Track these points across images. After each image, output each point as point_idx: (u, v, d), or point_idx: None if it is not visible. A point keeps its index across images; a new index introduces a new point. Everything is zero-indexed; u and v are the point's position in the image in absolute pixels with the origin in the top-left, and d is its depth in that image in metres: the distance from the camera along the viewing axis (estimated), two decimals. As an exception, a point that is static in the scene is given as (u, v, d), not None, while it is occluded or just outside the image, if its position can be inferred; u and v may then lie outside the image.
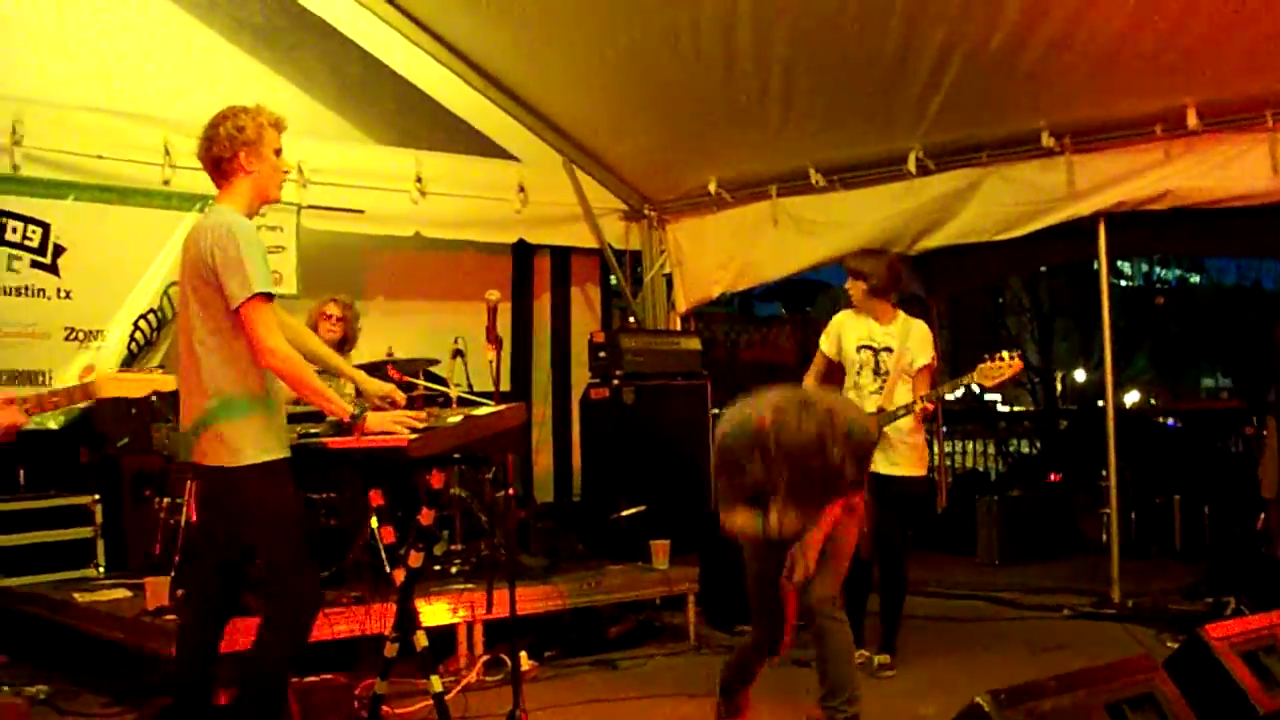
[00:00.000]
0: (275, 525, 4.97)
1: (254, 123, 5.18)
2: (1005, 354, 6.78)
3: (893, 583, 7.35)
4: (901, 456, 7.16)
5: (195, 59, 9.49)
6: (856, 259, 7.57)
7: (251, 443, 4.91)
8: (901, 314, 7.47)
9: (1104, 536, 10.30)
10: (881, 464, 6.95)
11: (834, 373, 7.47)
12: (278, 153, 5.25)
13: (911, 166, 9.26)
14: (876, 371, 7.29)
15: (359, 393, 5.80)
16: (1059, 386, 35.27)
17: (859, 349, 7.37)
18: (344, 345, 8.21)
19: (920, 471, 7.27)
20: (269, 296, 4.88)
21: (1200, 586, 8.93)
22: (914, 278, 11.75)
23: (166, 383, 4.09)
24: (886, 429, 7.00)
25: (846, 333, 7.44)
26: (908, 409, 7.02)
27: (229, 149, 5.14)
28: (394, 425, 5.08)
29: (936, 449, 10.27)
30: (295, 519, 5.13)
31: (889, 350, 7.30)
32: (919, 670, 7.23)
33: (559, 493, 11.33)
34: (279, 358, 4.82)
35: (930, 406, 7.11)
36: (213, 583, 5.25)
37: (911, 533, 7.78)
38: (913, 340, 7.30)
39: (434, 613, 6.97)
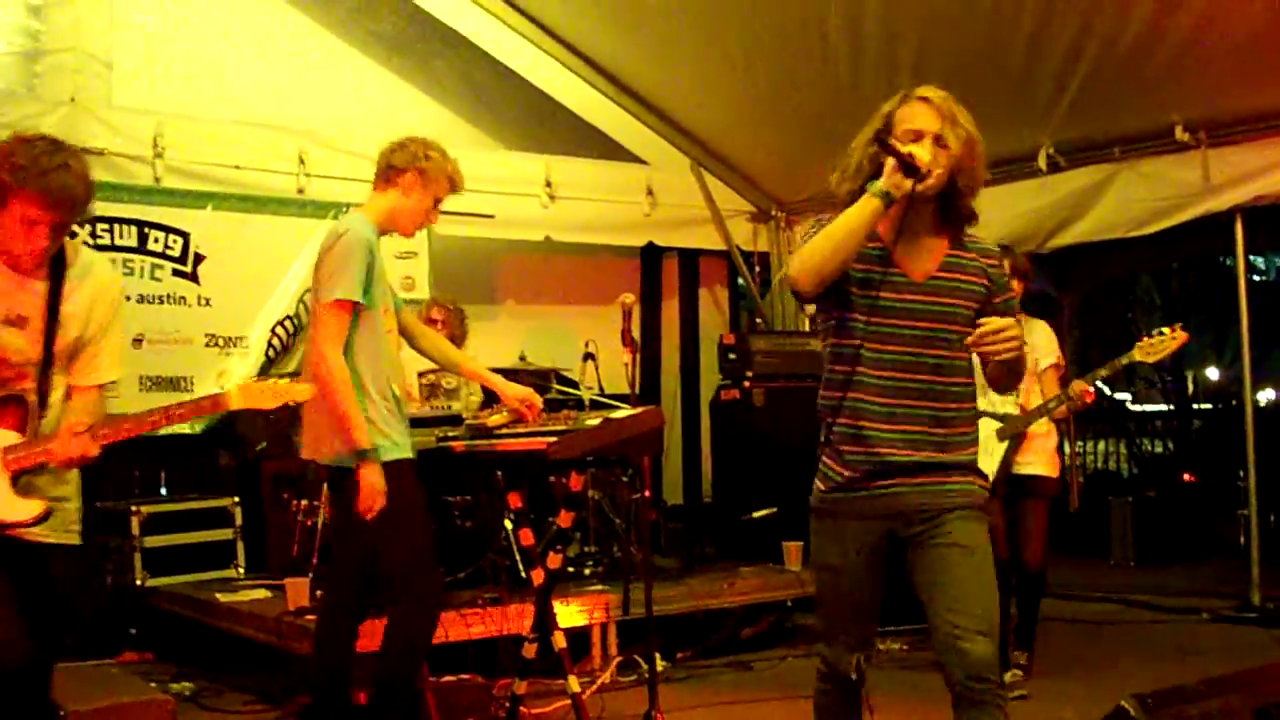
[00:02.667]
0: (396, 525, 5.03)
1: (439, 164, 5.32)
2: (1166, 329, 6.49)
3: (1033, 590, 7.08)
4: (1036, 456, 6.99)
5: (329, 71, 9.68)
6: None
7: (384, 438, 5.00)
8: (1022, 314, 7.28)
9: (1242, 539, 10.12)
10: (1018, 464, 6.87)
11: None
12: (437, 201, 5.36)
13: (1042, 163, 9.13)
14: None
15: (489, 397, 5.83)
16: (1190, 385, 34.57)
17: None
18: (455, 345, 8.30)
19: (1054, 471, 7.13)
20: (352, 305, 4.96)
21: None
22: (1045, 275, 11.60)
23: (300, 393, 4.12)
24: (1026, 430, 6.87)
25: None
26: (1061, 400, 6.78)
27: (406, 164, 5.27)
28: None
29: (1068, 449, 10.10)
30: (418, 520, 5.20)
31: None
32: (1056, 674, 7.13)
33: (689, 495, 11.36)
34: (327, 365, 4.90)
35: (1090, 395, 6.80)
36: (345, 582, 5.33)
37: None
38: (1037, 339, 7.04)
39: (570, 614, 7.03)
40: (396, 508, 5.01)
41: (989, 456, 6.73)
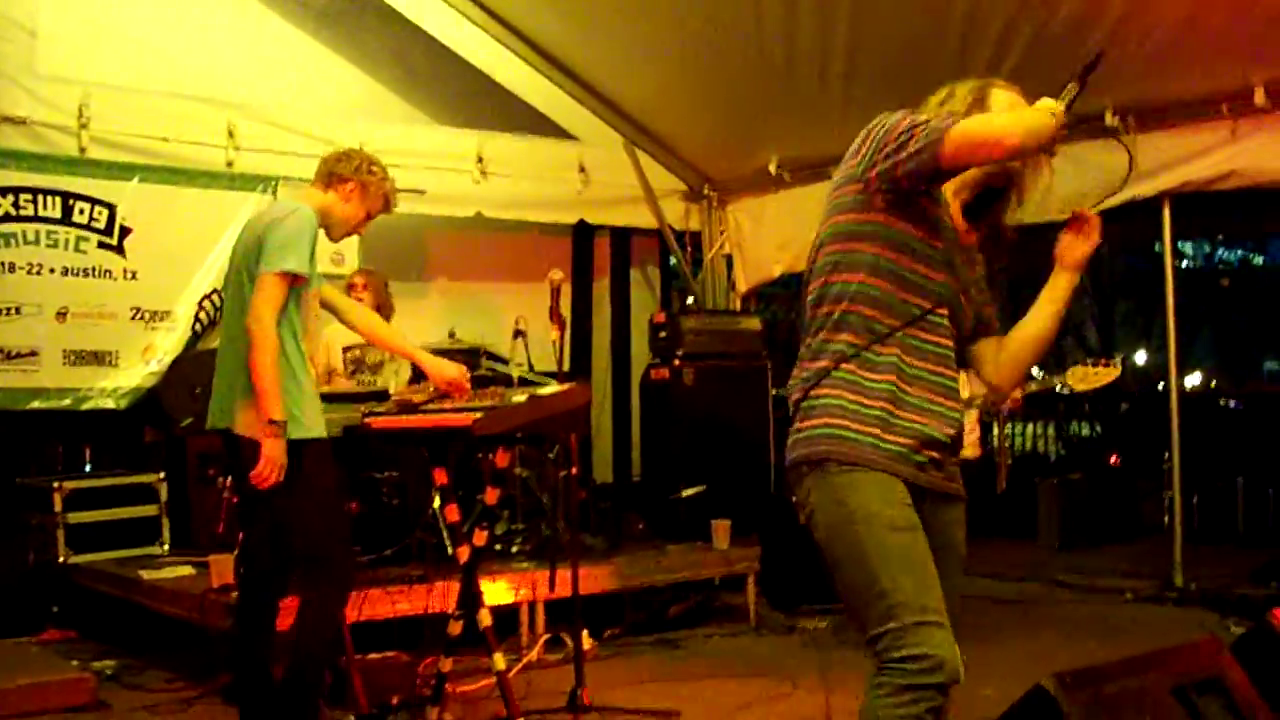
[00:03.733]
0: (310, 503, 5.04)
1: (380, 182, 5.41)
2: (1104, 360, 6.54)
3: None
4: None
5: (259, 43, 9.58)
6: None
7: (291, 419, 4.95)
8: None
9: (1166, 520, 10.23)
10: None
11: None
12: (369, 215, 5.44)
13: (974, 147, 9.17)
14: None
15: (418, 374, 5.82)
16: (1119, 369, 34.94)
17: None
18: (380, 315, 8.27)
19: (976, 452, 7.14)
20: (293, 278, 4.95)
21: (1265, 571, 8.86)
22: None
23: None
24: None
25: None
26: (986, 401, 6.80)
27: (350, 173, 5.33)
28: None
29: (996, 431, 10.18)
30: (331, 499, 5.21)
31: None
32: (980, 653, 7.14)
33: (619, 473, 11.37)
34: (262, 328, 4.86)
35: (1020, 402, 6.84)
36: (262, 558, 5.31)
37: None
38: None
39: (496, 592, 7.00)
40: (311, 486, 5.00)
41: None
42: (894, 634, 3.11)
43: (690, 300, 11.42)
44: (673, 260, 11.79)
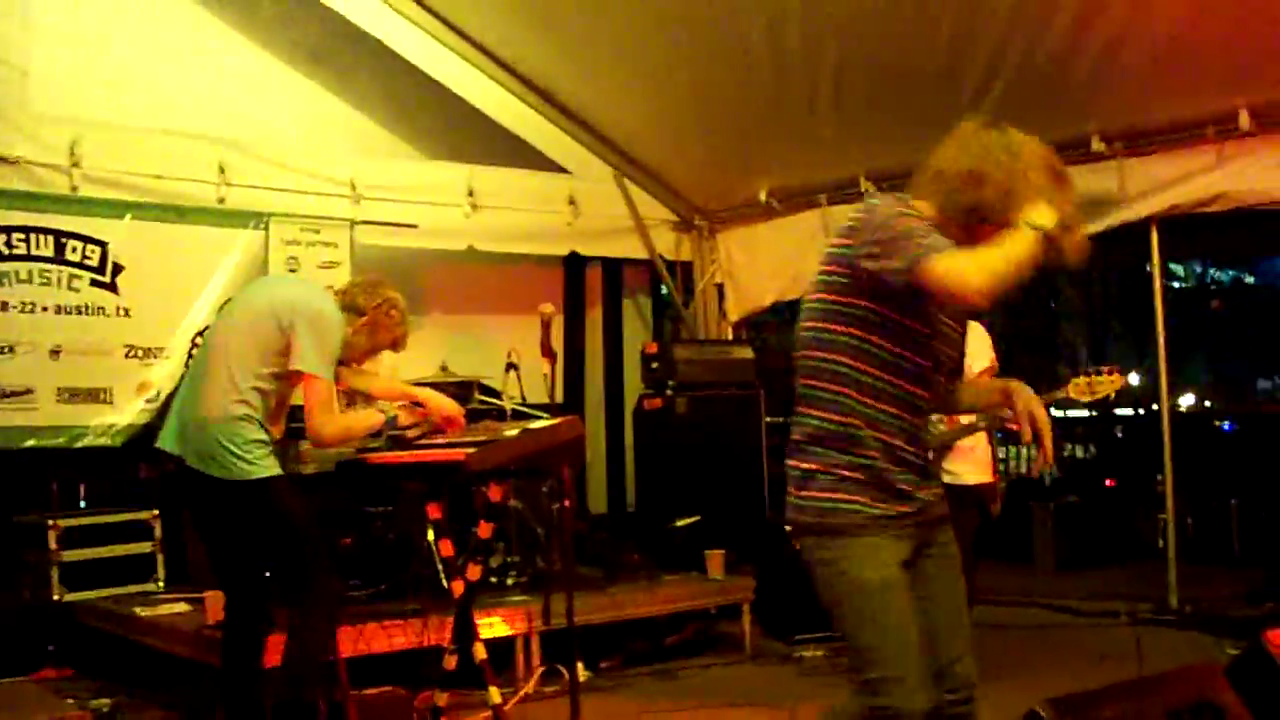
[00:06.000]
0: (290, 537, 5.21)
1: (394, 325, 5.75)
2: (1105, 369, 6.47)
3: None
4: (969, 463, 6.98)
5: (251, 79, 9.62)
6: None
7: (260, 461, 5.17)
8: None
9: (1161, 542, 10.24)
10: (950, 474, 6.76)
11: None
12: (375, 349, 5.82)
13: (962, 172, 9.20)
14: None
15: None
16: (1112, 392, 34.91)
17: None
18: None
19: (988, 477, 7.10)
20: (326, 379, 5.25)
21: (1260, 592, 8.86)
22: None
23: None
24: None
25: None
26: (987, 423, 6.75)
27: (368, 309, 5.65)
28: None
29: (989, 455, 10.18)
30: (312, 531, 5.31)
31: None
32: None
33: (613, 504, 11.36)
34: (329, 435, 5.34)
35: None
36: (249, 595, 5.37)
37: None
38: (972, 343, 6.95)
39: (491, 625, 7.01)
40: (281, 518, 5.18)
41: None
42: (871, 683, 3.52)
43: (682, 330, 11.43)
44: (664, 290, 11.83)
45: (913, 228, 3.49)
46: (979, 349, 6.98)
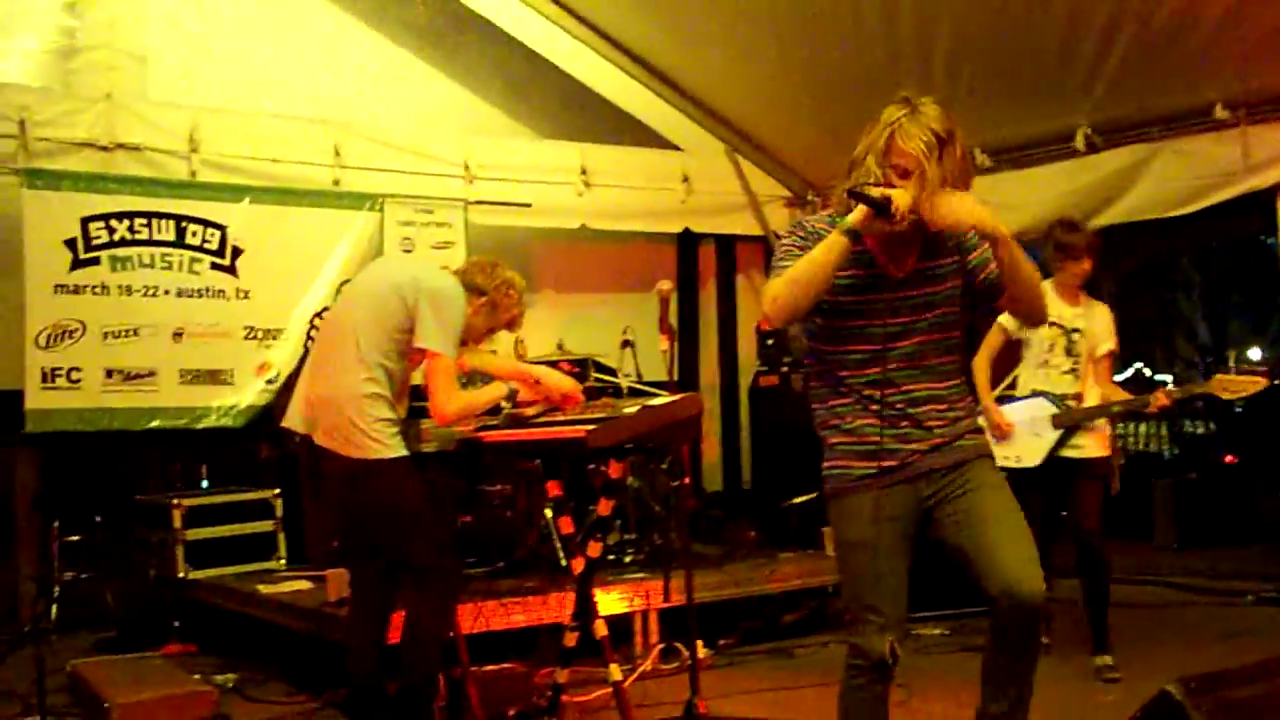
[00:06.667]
0: (412, 517, 5.22)
1: (512, 303, 5.71)
2: (1249, 368, 6.34)
3: (1097, 572, 6.87)
4: (1091, 438, 6.79)
5: (363, 63, 9.73)
6: (1067, 231, 6.87)
7: (388, 440, 5.15)
8: (1084, 295, 6.96)
9: (1282, 521, 10.04)
10: (1073, 447, 6.71)
11: (1009, 349, 7.04)
12: (491, 330, 5.75)
13: (1080, 144, 9.07)
14: (1069, 352, 6.81)
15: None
16: (1233, 365, 34.30)
17: (1049, 325, 6.69)
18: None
19: (1107, 452, 6.97)
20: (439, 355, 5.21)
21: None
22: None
23: None
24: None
25: None
26: (1129, 405, 6.67)
27: (488, 289, 5.63)
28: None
29: (1108, 431, 10.02)
30: (432, 511, 5.35)
31: (1078, 332, 6.81)
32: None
33: (729, 481, 11.33)
34: (452, 413, 5.23)
35: (1168, 402, 6.65)
36: (371, 574, 5.40)
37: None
38: (1098, 324, 6.86)
39: (610, 602, 7.00)
40: (404, 499, 5.18)
41: (1039, 439, 6.68)
42: (849, 623, 3.97)
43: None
44: (778, 267, 11.74)
45: (780, 254, 3.95)
46: (1103, 332, 6.87)
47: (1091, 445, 6.77)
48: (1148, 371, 25.83)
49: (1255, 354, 33.10)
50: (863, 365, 3.96)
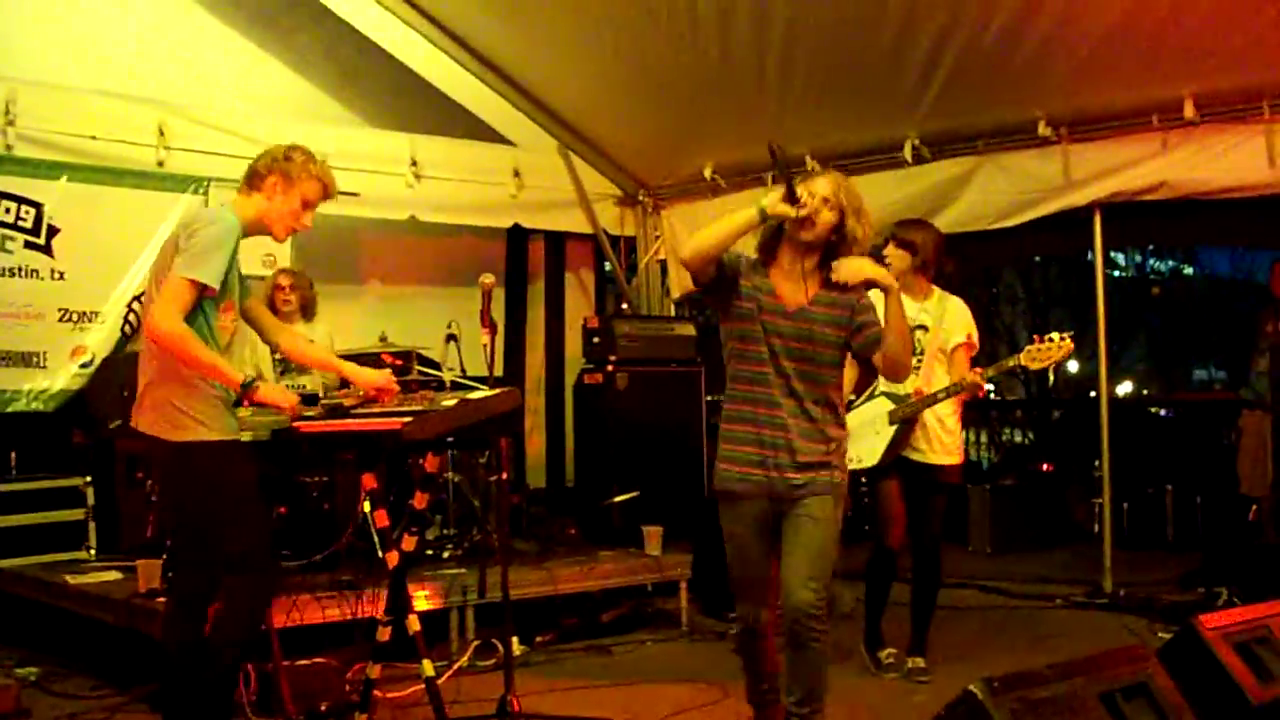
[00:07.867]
0: (227, 504, 4.96)
1: (302, 165, 5.22)
2: (1055, 335, 6.39)
3: (928, 579, 7.00)
4: (940, 444, 6.78)
5: (191, 42, 9.51)
6: (906, 229, 6.92)
7: (196, 420, 4.89)
8: (938, 290, 6.94)
9: (1096, 526, 10.29)
10: (919, 451, 6.72)
11: None
12: (306, 204, 5.24)
13: (908, 154, 9.23)
14: (912, 350, 6.40)
15: (344, 384, 5.75)
16: (1051, 376, 35.21)
17: None
18: (305, 313, 8.23)
19: (958, 459, 6.97)
20: (201, 288, 4.83)
21: (1193, 577, 8.93)
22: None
23: None
24: (925, 414, 6.69)
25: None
26: (950, 391, 6.65)
27: (267, 168, 5.19)
28: (283, 397, 5.16)
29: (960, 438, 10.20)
30: (249, 498, 5.08)
31: (923, 328, 6.76)
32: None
33: (552, 478, 11.34)
34: (170, 327, 4.78)
35: (983, 385, 6.66)
36: (191, 563, 5.24)
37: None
38: (949, 317, 6.82)
39: (426, 597, 6.97)
40: (218, 485, 4.93)
41: (878, 437, 6.71)
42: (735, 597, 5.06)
43: (624, 305, 11.39)
44: (607, 265, 11.79)
45: None
46: (954, 325, 6.83)
47: (943, 452, 6.79)
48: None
49: (1073, 366, 34.01)
50: (752, 383, 4.82)
